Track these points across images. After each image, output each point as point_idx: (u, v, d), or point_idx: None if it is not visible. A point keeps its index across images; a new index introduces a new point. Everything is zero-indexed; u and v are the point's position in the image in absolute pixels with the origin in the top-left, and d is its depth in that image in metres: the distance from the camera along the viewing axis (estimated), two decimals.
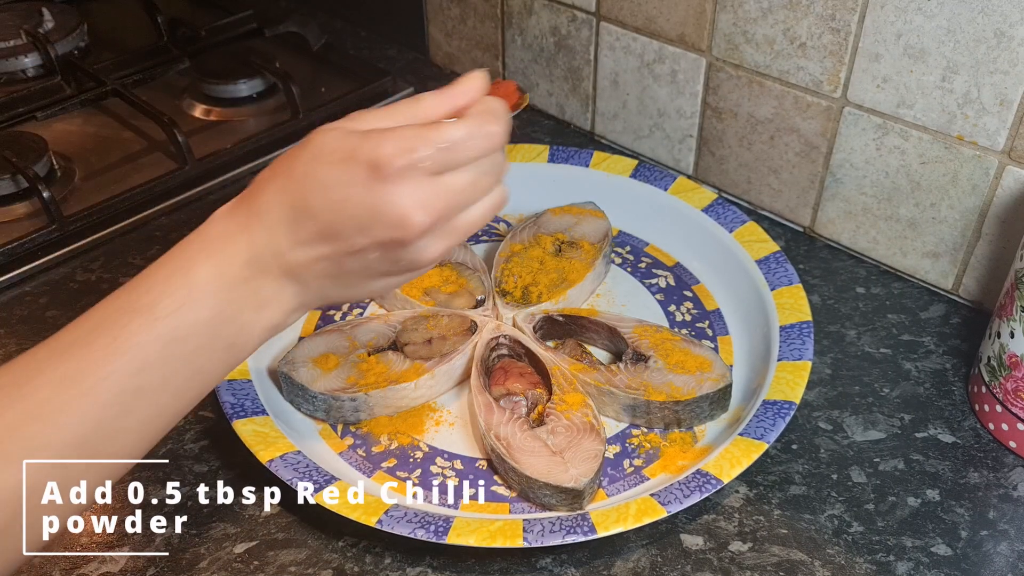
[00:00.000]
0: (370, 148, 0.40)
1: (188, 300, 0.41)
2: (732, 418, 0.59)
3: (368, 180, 0.40)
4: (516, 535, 0.49)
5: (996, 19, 0.58)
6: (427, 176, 0.41)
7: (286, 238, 0.42)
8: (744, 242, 0.70)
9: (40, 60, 0.94)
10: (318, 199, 0.41)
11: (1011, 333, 0.55)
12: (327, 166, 0.41)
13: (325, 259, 0.42)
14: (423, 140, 0.40)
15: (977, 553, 0.52)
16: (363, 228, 0.41)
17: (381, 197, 0.40)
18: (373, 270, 0.43)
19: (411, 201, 0.40)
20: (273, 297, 0.43)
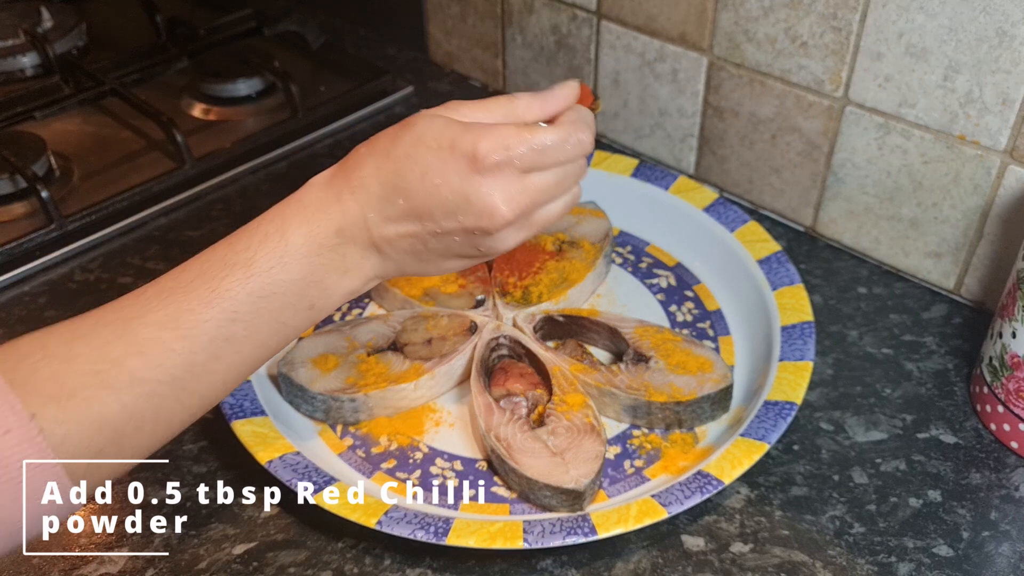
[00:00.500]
0: (471, 141, 0.43)
1: (281, 261, 0.44)
2: (733, 419, 0.59)
3: (465, 170, 0.44)
4: (516, 536, 0.49)
5: (998, 18, 0.58)
6: (517, 173, 0.44)
7: (377, 213, 0.45)
8: (745, 242, 0.69)
9: (39, 59, 0.94)
10: (415, 181, 0.44)
11: (1013, 333, 0.55)
12: (427, 151, 0.44)
13: (411, 236, 0.46)
14: (519, 140, 0.44)
15: (979, 554, 0.52)
16: (452, 213, 0.44)
17: (474, 187, 0.44)
18: (452, 251, 0.47)
19: (501, 195, 0.44)
20: (356, 265, 0.46)
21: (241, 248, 0.44)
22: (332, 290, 0.46)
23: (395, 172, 0.45)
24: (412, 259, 0.47)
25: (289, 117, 0.87)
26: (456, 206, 0.44)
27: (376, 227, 0.45)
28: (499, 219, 0.44)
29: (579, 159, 0.47)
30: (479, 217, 0.44)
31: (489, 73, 0.95)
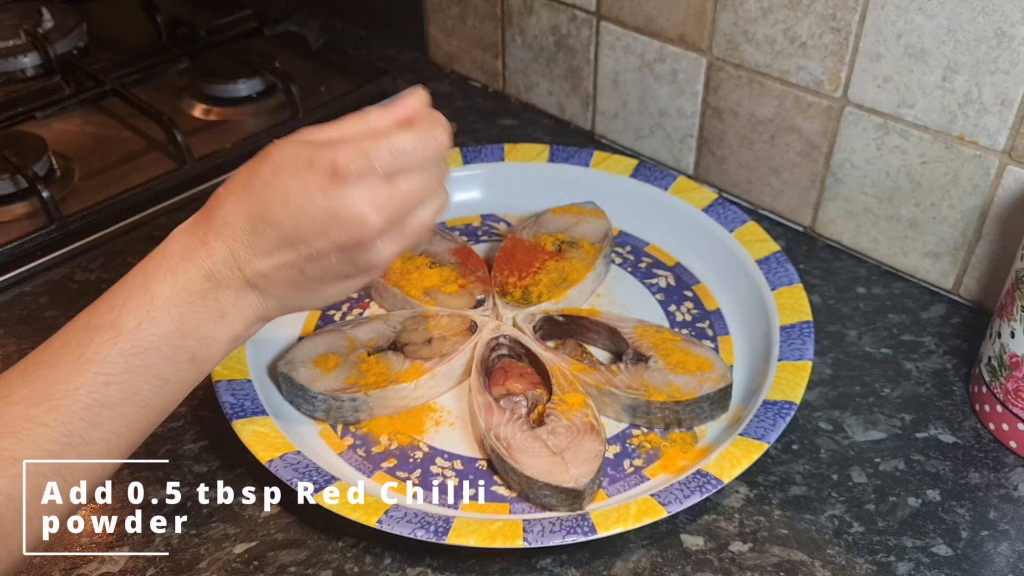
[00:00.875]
0: (328, 155, 0.43)
1: (148, 315, 0.43)
2: (732, 418, 0.59)
3: (327, 185, 0.42)
4: (516, 535, 0.49)
5: (997, 18, 0.58)
6: (380, 180, 0.43)
7: (246, 250, 0.44)
8: (744, 242, 0.70)
9: (39, 60, 0.94)
10: (279, 209, 0.43)
11: (1012, 333, 0.55)
12: (286, 175, 0.43)
13: (287, 266, 0.45)
14: (376, 146, 0.43)
15: (978, 553, 0.52)
16: (323, 231, 0.43)
17: (340, 200, 0.43)
18: (332, 273, 0.45)
19: (367, 203, 0.43)
20: (233, 308, 0.45)
21: (105, 311, 0.43)
22: (212, 338, 0.45)
23: (258, 204, 0.44)
24: (292, 291, 0.46)
25: (289, 118, 0.87)
26: (325, 224, 0.43)
27: (248, 264, 0.44)
28: (371, 227, 0.43)
29: (439, 159, 0.46)
30: (351, 229, 0.43)
31: (489, 74, 0.95)
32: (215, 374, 0.58)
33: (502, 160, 0.79)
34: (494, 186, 0.79)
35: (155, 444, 0.58)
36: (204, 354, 0.45)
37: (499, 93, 0.95)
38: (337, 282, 0.47)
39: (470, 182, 0.79)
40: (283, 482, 0.52)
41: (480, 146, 0.80)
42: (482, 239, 0.76)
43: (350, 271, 0.46)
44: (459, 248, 0.71)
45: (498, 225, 0.77)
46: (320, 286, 0.46)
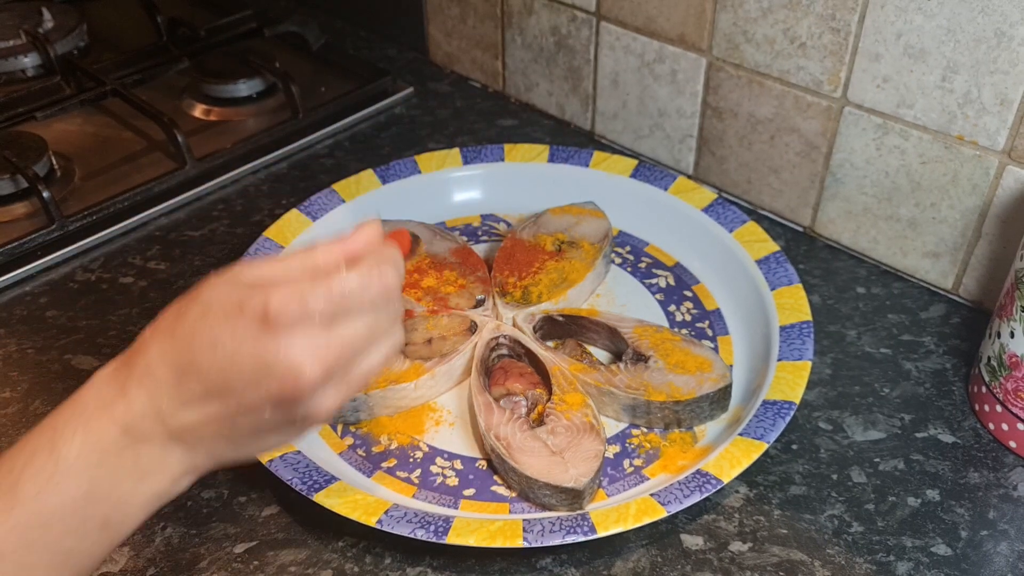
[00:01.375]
0: (260, 300, 0.38)
1: (51, 482, 0.38)
2: (732, 418, 0.59)
3: (258, 333, 0.38)
4: (516, 535, 0.49)
5: (996, 19, 0.58)
6: (319, 327, 0.39)
7: (170, 400, 0.39)
8: (744, 242, 0.70)
9: (40, 60, 0.94)
10: (205, 356, 0.39)
11: (1011, 333, 0.55)
12: (214, 322, 0.39)
13: (215, 419, 0.40)
14: (315, 290, 0.39)
15: (977, 553, 0.52)
16: (254, 383, 0.38)
17: (271, 349, 0.38)
18: (266, 426, 0.41)
19: (303, 353, 0.38)
20: (156, 465, 0.40)
21: (5, 472, 0.38)
22: (128, 500, 0.40)
23: (183, 351, 0.39)
24: (224, 444, 0.41)
25: (290, 118, 0.87)
26: (256, 375, 0.38)
27: (172, 416, 0.39)
28: (306, 378, 0.38)
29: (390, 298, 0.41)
30: (283, 381, 0.38)
31: (489, 74, 0.95)
32: None
33: (502, 160, 0.79)
34: (494, 186, 0.79)
35: None
36: (118, 519, 0.40)
37: (499, 93, 0.95)
38: (273, 434, 0.41)
39: (470, 182, 0.79)
40: (284, 481, 0.52)
41: (480, 146, 0.80)
42: (482, 239, 0.76)
43: (286, 424, 0.41)
44: (459, 248, 0.71)
45: (498, 225, 0.77)
46: (255, 439, 0.41)
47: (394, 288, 0.41)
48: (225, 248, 0.75)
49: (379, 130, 0.90)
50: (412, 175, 0.77)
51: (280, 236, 0.70)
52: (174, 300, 0.41)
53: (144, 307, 0.69)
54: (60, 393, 0.62)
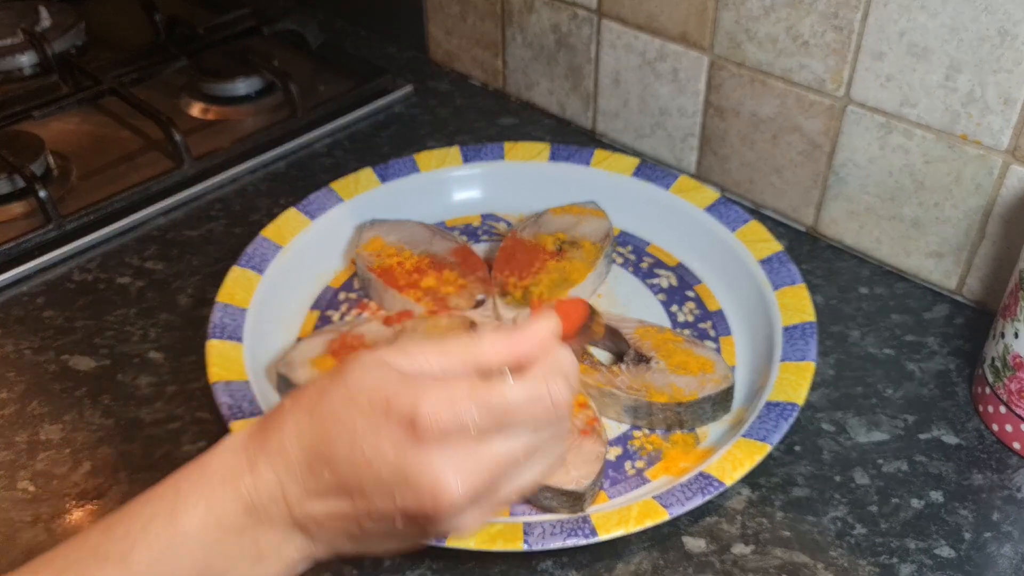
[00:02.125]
0: (410, 401, 0.34)
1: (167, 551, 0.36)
2: (735, 419, 0.59)
3: (401, 439, 0.34)
4: (516, 538, 0.49)
5: (1000, 17, 0.58)
6: (470, 441, 0.35)
7: (299, 485, 0.36)
8: (747, 242, 0.69)
9: (37, 59, 0.94)
10: (343, 449, 0.35)
11: (1015, 334, 0.55)
12: (358, 411, 0.35)
13: (341, 517, 0.37)
14: (473, 399, 0.35)
15: (981, 555, 0.51)
16: (388, 492, 0.35)
17: (413, 462, 0.34)
18: (397, 535, 0.37)
19: (448, 472, 0.34)
20: (274, 550, 0.37)
21: (120, 535, 0.36)
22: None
23: (320, 436, 0.36)
24: (346, 541, 0.38)
25: (288, 116, 0.87)
26: (393, 483, 0.35)
27: (298, 504, 0.36)
28: (447, 500, 0.34)
29: (557, 419, 0.37)
30: (420, 498, 0.35)
31: (489, 72, 0.94)
32: (213, 375, 0.58)
33: (502, 159, 0.78)
34: (494, 186, 0.78)
35: (153, 446, 0.58)
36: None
37: (499, 92, 0.95)
38: (402, 540, 0.38)
39: (470, 181, 0.78)
40: None
41: (480, 145, 0.79)
42: (482, 239, 0.76)
43: (419, 536, 0.38)
44: (459, 248, 0.71)
45: (498, 225, 0.77)
46: (382, 543, 0.38)
47: (563, 407, 0.37)
48: (223, 248, 0.74)
49: (378, 129, 0.89)
50: (411, 174, 0.77)
51: (278, 235, 0.70)
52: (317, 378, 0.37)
53: (142, 307, 0.69)
54: (57, 394, 0.61)
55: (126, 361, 0.64)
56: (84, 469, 0.57)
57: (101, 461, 0.57)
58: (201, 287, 0.70)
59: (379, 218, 0.73)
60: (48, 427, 0.59)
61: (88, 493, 0.55)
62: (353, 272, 0.72)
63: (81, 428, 0.59)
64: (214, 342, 0.60)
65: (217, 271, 0.70)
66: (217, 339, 0.61)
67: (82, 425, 0.59)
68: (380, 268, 0.68)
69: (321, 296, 0.70)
